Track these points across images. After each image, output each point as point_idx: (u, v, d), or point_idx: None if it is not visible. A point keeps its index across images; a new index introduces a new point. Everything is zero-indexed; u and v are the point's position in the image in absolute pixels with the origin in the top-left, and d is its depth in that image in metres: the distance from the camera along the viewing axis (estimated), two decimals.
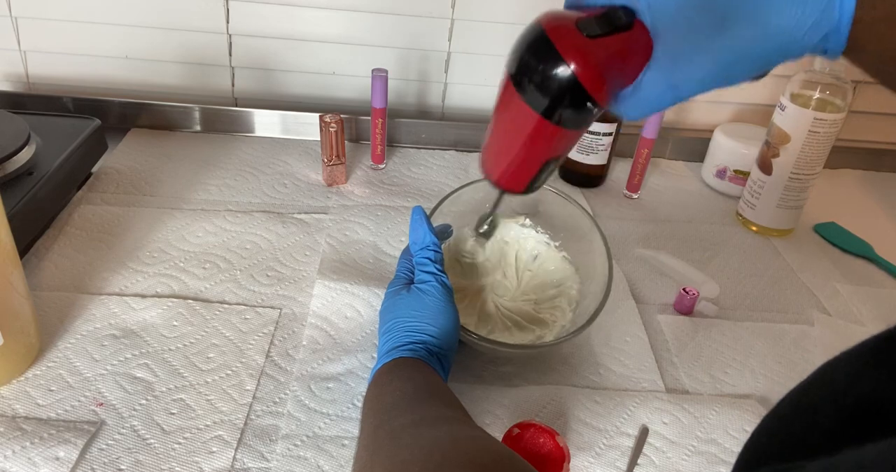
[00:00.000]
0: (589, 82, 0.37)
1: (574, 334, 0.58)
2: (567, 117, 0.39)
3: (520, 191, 0.48)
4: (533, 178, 0.46)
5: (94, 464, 0.49)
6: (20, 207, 0.65)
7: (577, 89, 0.37)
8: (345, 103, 1.02)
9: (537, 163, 0.44)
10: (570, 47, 0.37)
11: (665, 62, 0.35)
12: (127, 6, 0.93)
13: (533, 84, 0.38)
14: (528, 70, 0.39)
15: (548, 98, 0.38)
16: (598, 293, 0.61)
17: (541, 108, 0.39)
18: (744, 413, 0.58)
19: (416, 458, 0.36)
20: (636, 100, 0.37)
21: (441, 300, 0.52)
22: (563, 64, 0.37)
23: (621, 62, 0.37)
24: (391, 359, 0.48)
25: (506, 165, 0.46)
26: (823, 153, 0.80)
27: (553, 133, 0.40)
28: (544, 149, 0.43)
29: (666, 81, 0.36)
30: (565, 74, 0.37)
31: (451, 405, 0.45)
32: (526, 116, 0.40)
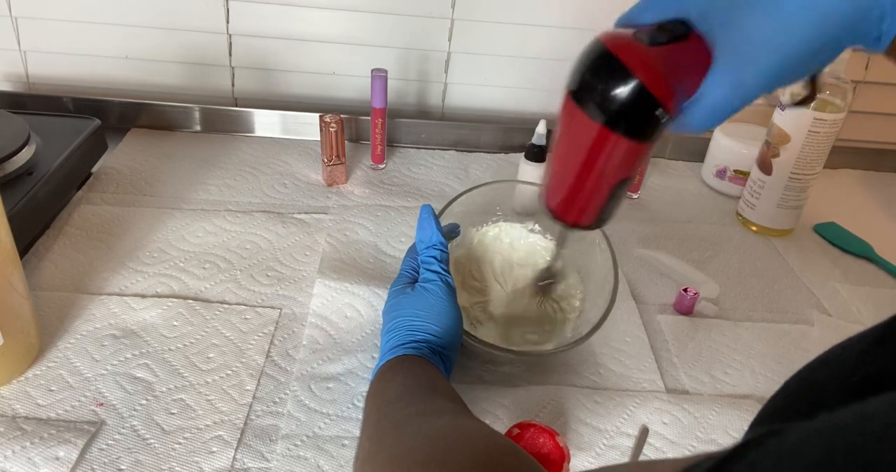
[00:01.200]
0: (656, 89, 0.37)
1: (578, 343, 0.57)
2: (637, 128, 0.39)
3: (589, 223, 0.45)
4: (604, 205, 0.44)
5: (94, 464, 0.49)
6: (20, 207, 0.65)
7: (646, 97, 0.37)
8: (345, 103, 1.02)
9: (608, 185, 0.43)
10: (634, 58, 0.37)
11: (727, 66, 0.36)
12: (127, 6, 0.93)
13: (600, 99, 0.38)
14: (594, 87, 0.38)
15: (617, 111, 0.38)
16: (600, 297, 0.61)
17: (611, 121, 0.38)
18: (744, 413, 0.58)
19: (421, 446, 0.36)
20: (702, 107, 0.37)
21: (445, 300, 0.52)
22: (629, 74, 0.37)
23: (683, 69, 0.37)
24: (394, 356, 0.49)
25: (574, 194, 0.43)
26: (823, 153, 0.80)
27: (624, 147, 0.40)
28: (616, 167, 0.41)
29: (731, 84, 0.36)
30: (632, 84, 0.37)
31: (454, 400, 0.45)
32: (594, 133, 0.39)
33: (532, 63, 1.00)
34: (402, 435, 0.39)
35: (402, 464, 0.36)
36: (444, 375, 0.49)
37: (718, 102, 0.37)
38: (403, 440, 0.38)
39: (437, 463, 0.35)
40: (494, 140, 1.00)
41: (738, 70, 0.35)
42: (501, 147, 1.00)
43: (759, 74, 0.35)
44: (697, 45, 0.37)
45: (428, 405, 0.42)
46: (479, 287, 0.67)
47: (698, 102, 0.37)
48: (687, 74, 0.37)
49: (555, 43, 0.98)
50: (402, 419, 0.41)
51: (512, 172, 0.92)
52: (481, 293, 0.66)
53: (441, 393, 0.45)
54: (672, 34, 0.37)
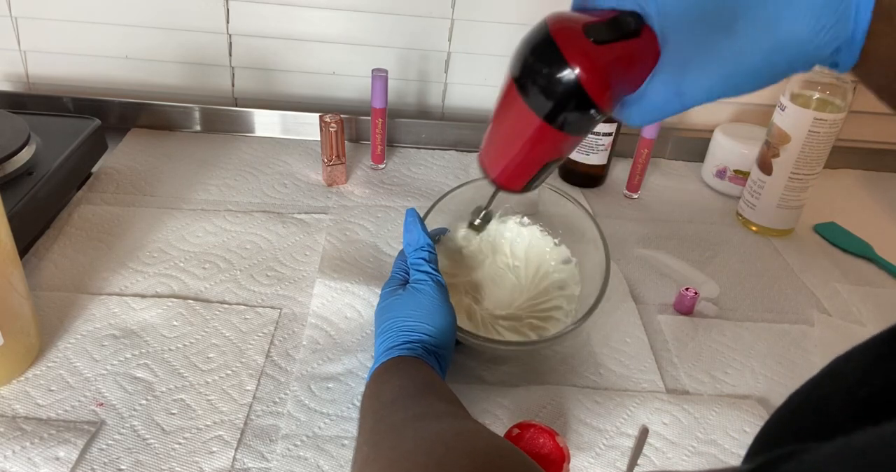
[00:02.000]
0: (593, 88, 0.36)
1: (568, 330, 0.57)
2: (569, 122, 0.39)
3: (517, 190, 0.48)
4: (532, 178, 0.46)
5: (94, 464, 0.49)
6: (20, 207, 0.65)
7: (581, 95, 0.37)
8: (345, 103, 1.02)
9: (537, 165, 0.45)
10: (576, 52, 0.36)
11: (672, 70, 0.35)
12: (127, 6, 0.93)
13: (536, 87, 0.38)
14: (532, 73, 0.38)
15: (551, 102, 0.38)
16: (595, 291, 0.61)
17: (543, 112, 0.39)
18: (744, 414, 0.58)
19: (420, 449, 0.36)
20: (640, 107, 0.37)
21: (437, 299, 0.52)
22: (567, 69, 0.36)
23: (627, 68, 0.36)
24: (389, 358, 0.48)
25: (505, 164, 0.46)
26: (823, 153, 0.80)
27: (554, 137, 0.40)
28: (544, 152, 0.43)
29: (672, 89, 0.35)
30: (569, 79, 0.36)
31: (452, 401, 0.45)
32: (527, 119, 0.40)
33: None
34: (400, 439, 0.38)
35: (402, 468, 0.35)
36: (440, 375, 0.49)
37: (657, 106, 0.36)
38: (402, 443, 0.38)
39: (438, 467, 0.34)
40: None
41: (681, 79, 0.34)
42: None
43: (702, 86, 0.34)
44: (648, 40, 0.36)
45: (426, 408, 0.42)
46: (474, 284, 0.67)
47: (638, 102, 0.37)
48: (631, 71, 0.36)
49: None
50: (400, 422, 0.40)
51: None
52: (476, 290, 0.66)
53: (438, 395, 0.45)
54: (623, 30, 0.36)
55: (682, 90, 0.35)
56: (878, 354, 0.24)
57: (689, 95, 0.35)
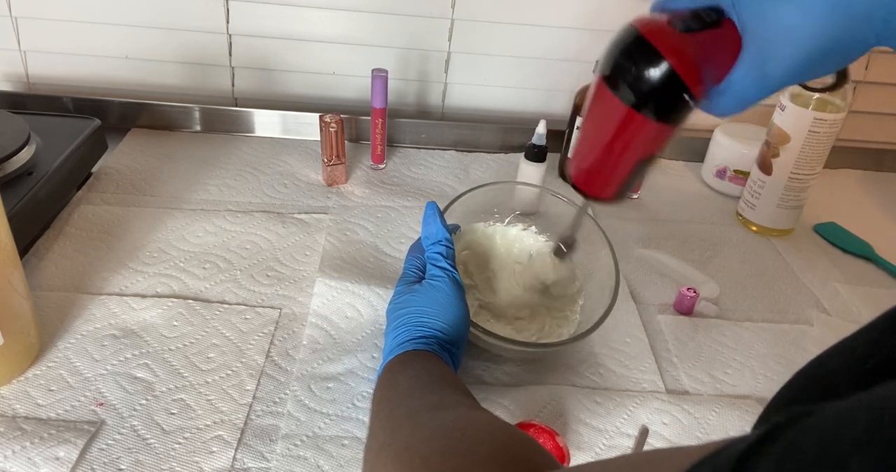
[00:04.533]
0: (686, 75, 0.38)
1: (581, 337, 0.58)
2: (665, 111, 0.40)
3: (610, 197, 0.48)
4: (625, 181, 0.46)
5: (94, 464, 0.49)
6: (20, 207, 0.65)
7: (676, 82, 0.38)
8: (345, 103, 1.02)
9: (631, 162, 0.45)
10: (666, 43, 0.38)
11: (754, 55, 0.37)
12: (127, 6, 0.93)
13: (631, 82, 0.40)
14: (626, 69, 0.40)
15: (646, 93, 0.39)
16: (602, 295, 0.61)
17: (639, 104, 0.40)
18: (744, 414, 0.58)
19: (437, 436, 0.37)
20: (728, 94, 0.39)
21: (453, 296, 0.52)
22: (660, 59, 0.38)
23: (713, 56, 0.39)
24: (404, 351, 0.49)
25: (599, 170, 0.46)
26: (823, 153, 0.80)
27: (650, 129, 0.41)
28: (640, 146, 0.43)
29: (756, 74, 0.37)
30: (664, 68, 0.38)
31: (466, 393, 0.45)
32: (623, 114, 0.41)
33: (532, 63, 1.00)
34: (417, 426, 0.39)
35: (419, 454, 0.36)
36: (453, 370, 0.49)
37: (743, 92, 0.38)
38: (419, 430, 0.38)
39: (455, 453, 0.35)
40: (494, 140, 1.00)
41: (764, 63, 0.37)
42: (501, 147, 1.00)
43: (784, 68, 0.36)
44: (729, 32, 0.38)
45: (441, 398, 0.43)
46: (480, 285, 0.67)
47: (725, 90, 0.39)
48: (716, 61, 0.39)
49: (555, 43, 0.98)
50: (416, 410, 0.41)
51: (512, 172, 0.92)
52: (483, 292, 0.66)
53: (453, 387, 0.45)
54: (705, 22, 0.38)
55: (767, 73, 0.37)
56: (885, 327, 0.24)
57: (774, 78, 0.37)
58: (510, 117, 1.04)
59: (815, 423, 0.18)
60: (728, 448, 0.20)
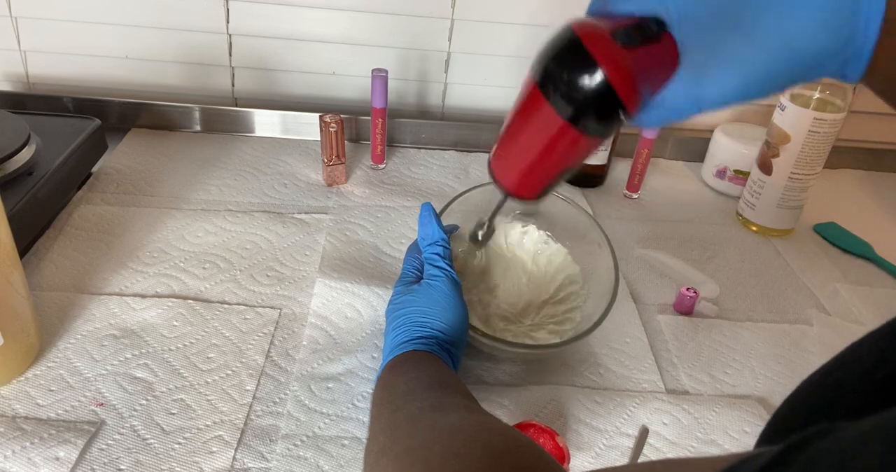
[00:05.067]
0: (622, 90, 0.36)
1: (581, 337, 0.58)
2: (595, 125, 0.39)
3: (531, 198, 0.47)
4: (547, 185, 0.46)
5: (94, 464, 0.49)
6: (20, 207, 0.65)
7: (610, 97, 0.37)
8: (345, 103, 1.02)
9: (556, 170, 0.44)
10: (606, 54, 0.36)
11: (690, 75, 0.36)
12: (127, 6, 0.93)
13: (563, 90, 0.38)
14: (560, 76, 0.38)
15: (578, 104, 0.38)
16: (601, 295, 0.61)
17: (568, 114, 0.38)
18: (744, 414, 0.58)
19: (438, 439, 0.37)
20: (658, 110, 0.38)
21: (451, 296, 0.52)
22: (598, 70, 0.36)
23: (651, 72, 0.37)
24: (403, 351, 0.49)
25: (522, 171, 0.45)
26: (823, 153, 0.80)
27: (577, 141, 0.40)
28: (566, 157, 0.42)
29: (689, 94, 0.36)
30: (599, 81, 0.36)
31: (466, 395, 0.45)
32: (551, 122, 0.39)
33: None
34: (417, 428, 0.39)
35: (420, 456, 0.36)
36: (452, 370, 0.49)
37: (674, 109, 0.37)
38: (420, 432, 0.38)
39: (456, 456, 0.35)
40: (494, 140, 0.99)
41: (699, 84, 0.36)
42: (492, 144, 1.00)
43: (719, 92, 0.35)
44: (668, 46, 0.36)
45: (441, 400, 0.43)
46: (480, 285, 0.67)
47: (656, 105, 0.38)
48: (653, 76, 0.37)
49: None
50: (417, 412, 0.41)
51: None
52: (483, 291, 0.66)
53: (453, 388, 0.45)
54: (646, 35, 0.36)
55: (700, 94, 0.36)
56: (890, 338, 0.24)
57: (706, 100, 0.36)
58: None
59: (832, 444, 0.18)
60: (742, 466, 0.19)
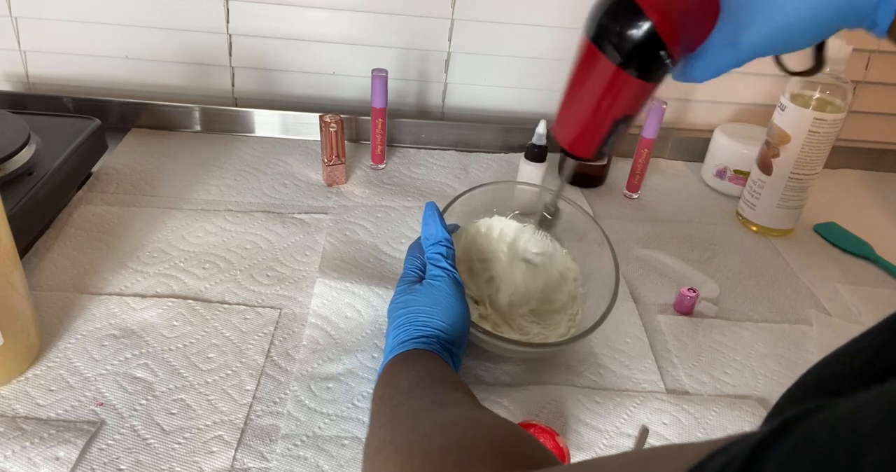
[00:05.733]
0: (665, 34, 0.40)
1: (582, 337, 0.58)
2: (642, 67, 0.42)
3: (589, 155, 0.50)
4: (603, 139, 0.48)
5: (94, 464, 0.49)
6: (20, 207, 0.65)
7: (655, 39, 0.41)
8: (345, 103, 1.02)
9: (609, 120, 0.46)
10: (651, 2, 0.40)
11: (729, 26, 0.39)
12: (127, 6, 0.93)
13: (612, 36, 0.42)
14: (608, 23, 0.42)
15: (626, 48, 0.42)
16: (602, 294, 0.61)
17: (619, 58, 0.42)
18: (744, 414, 0.58)
19: (438, 432, 0.37)
20: (702, 61, 0.41)
21: (453, 296, 0.52)
22: (643, 15, 0.40)
23: (692, 20, 0.41)
24: (405, 350, 0.49)
25: (580, 126, 0.48)
26: (823, 153, 0.80)
27: (628, 85, 0.43)
28: (618, 103, 0.45)
29: (729, 44, 0.39)
30: (645, 25, 0.40)
31: (467, 392, 0.46)
32: (603, 68, 0.43)
33: (532, 63, 1.00)
34: (418, 422, 0.39)
35: (421, 450, 0.36)
36: (453, 369, 0.50)
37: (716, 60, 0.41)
38: (420, 426, 0.38)
39: (456, 448, 0.35)
40: (494, 140, 1.00)
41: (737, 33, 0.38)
42: (501, 147, 1.00)
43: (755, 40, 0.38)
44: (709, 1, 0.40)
45: (442, 396, 0.43)
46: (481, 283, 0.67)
47: (700, 56, 0.41)
48: (694, 25, 0.41)
49: (555, 43, 0.98)
50: (418, 408, 0.41)
51: (512, 172, 0.92)
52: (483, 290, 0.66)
53: (454, 385, 0.45)
54: None
55: (738, 44, 0.39)
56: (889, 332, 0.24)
57: (745, 49, 0.39)
58: (510, 117, 1.04)
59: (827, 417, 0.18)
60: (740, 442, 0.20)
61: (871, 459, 0.15)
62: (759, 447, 0.19)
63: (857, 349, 0.26)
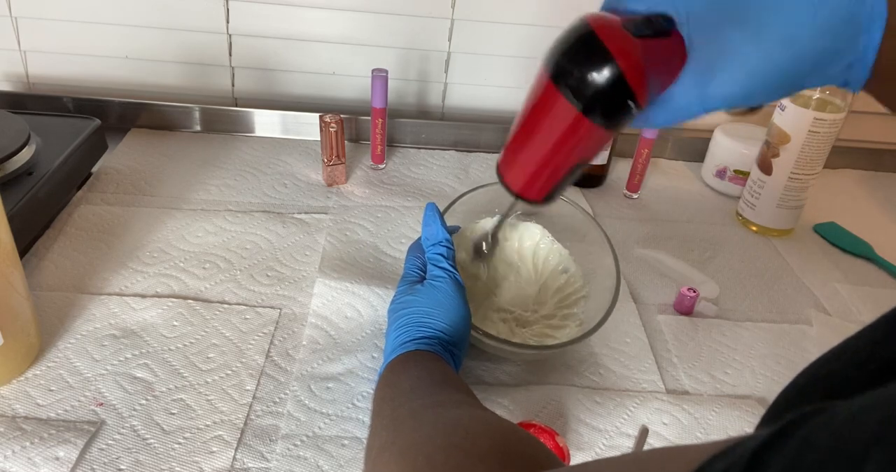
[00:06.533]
0: (634, 81, 0.37)
1: (583, 338, 0.58)
2: (607, 116, 0.39)
3: (540, 199, 0.46)
4: (557, 184, 0.45)
5: (94, 464, 0.49)
6: (20, 207, 0.65)
7: (622, 87, 0.37)
8: (345, 103, 1.02)
9: (566, 166, 0.44)
10: (619, 45, 0.37)
11: (697, 72, 0.36)
12: (127, 6, 0.93)
13: (577, 81, 0.38)
14: (573, 67, 0.39)
15: (591, 95, 0.38)
16: (602, 295, 0.61)
17: (581, 104, 0.39)
18: (744, 414, 0.58)
19: (440, 433, 0.37)
20: (666, 107, 0.38)
21: (454, 297, 0.52)
22: (611, 61, 0.37)
23: (660, 65, 0.38)
24: (406, 351, 0.49)
25: (532, 169, 0.45)
26: (823, 153, 0.80)
27: (589, 132, 0.40)
28: (577, 150, 0.42)
29: (695, 92, 0.36)
30: (613, 71, 0.37)
31: (469, 393, 0.45)
32: (564, 114, 0.40)
33: (532, 63, 0.99)
34: (420, 423, 0.39)
35: (423, 451, 0.36)
36: (454, 370, 0.50)
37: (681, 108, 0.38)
38: (422, 427, 0.38)
39: (458, 449, 0.35)
40: (494, 140, 1.00)
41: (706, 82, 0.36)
42: (501, 147, 0.99)
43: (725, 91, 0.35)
44: (677, 44, 0.37)
45: (444, 396, 0.43)
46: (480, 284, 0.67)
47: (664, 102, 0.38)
48: (661, 71, 0.38)
49: None
50: (420, 409, 0.41)
51: None
52: (483, 291, 0.66)
53: (455, 386, 0.45)
54: (656, 28, 0.37)
55: (706, 92, 0.36)
56: (886, 329, 0.24)
57: (712, 97, 0.36)
58: (510, 117, 1.03)
59: (828, 420, 0.18)
60: (741, 445, 0.20)
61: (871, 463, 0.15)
62: (760, 451, 0.19)
63: (852, 348, 0.26)
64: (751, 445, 0.19)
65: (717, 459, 0.20)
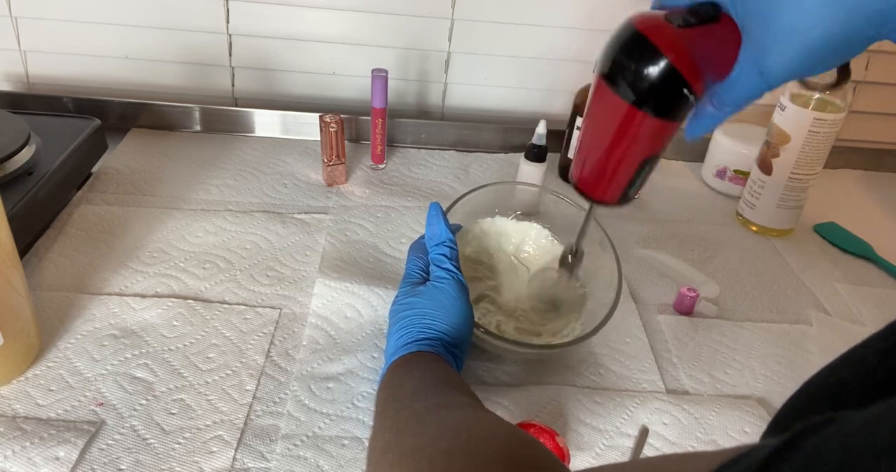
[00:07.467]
0: (685, 70, 0.38)
1: (584, 338, 0.58)
2: (666, 108, 0.40)
3: (614, 200, 0.47)
4: (628, 182, 0.46)
5: (94, 464, 0.49)
6: (20, 207, 0.65)
7: (675, 78, 0.39)
8: (345, 103, 1.02)
9: (635, 163, 0.44)
10: (664, 39, 0.39)
11: (753, 52, 0.37)
12: (127, 6, 0.93)
13: (631, 80, 0.40)
14: (625, 67, 0.40)
15: (647, 90, 0.39)
16: (604, 295, 0.61)
17: (640, 101, 0.40)
18: (744, 414, 0.58)
19: (443, 436, 0.37)
20: (730, 90, 0.39)
21: (458, 298, 0.52)
22: (659, 55, 0.38)
23: (712, 51, 0.39)
24: (408, 352, 0.49)
25: (602, 171, 0.45)
26: (823, 153, 0.80)
27: (652, 126, 0.41)
28: (643, 145, 0.43)
29: (756, 69, 0.37)
30: (663, 65, 0.38)
31: (471, 395, 0.45)
32: (623, 112, 0.41)
33: (532, 63, 1.00)
34: (423, 426, 0.39)
35: (426, 454, 0.36)
36: (457, 371, 0.49)
37: (744, 88, 0.38)
38: (425, 430, 0.38)
39: (461, 453, 0.35)
40: (494, 140, 1.00)
41: (762, 59, 0.37)
42: (501, 147, 1.00)
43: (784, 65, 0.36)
44: (728, 27, 0.38)
45: (446, 399, 0.43)
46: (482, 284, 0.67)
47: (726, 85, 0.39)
48: (716, 56, 0.39)
49: (554, 43, 0.98)
50: (423, 411, 0.41)
51: (512, 172, 0.92)
52: (485, 290, 0.66)
53: (458, 389, 0.45)
54: (702, 17, 0.39)
55: (766, 69, 0.37)
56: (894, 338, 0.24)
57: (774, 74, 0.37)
58: (510, 117, 1.04)
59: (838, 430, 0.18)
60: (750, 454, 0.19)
61: None
62: (770, 462, 0.18)
63: (861, 356, 0.25)
64: (760, 455, 0.19)
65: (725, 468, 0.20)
